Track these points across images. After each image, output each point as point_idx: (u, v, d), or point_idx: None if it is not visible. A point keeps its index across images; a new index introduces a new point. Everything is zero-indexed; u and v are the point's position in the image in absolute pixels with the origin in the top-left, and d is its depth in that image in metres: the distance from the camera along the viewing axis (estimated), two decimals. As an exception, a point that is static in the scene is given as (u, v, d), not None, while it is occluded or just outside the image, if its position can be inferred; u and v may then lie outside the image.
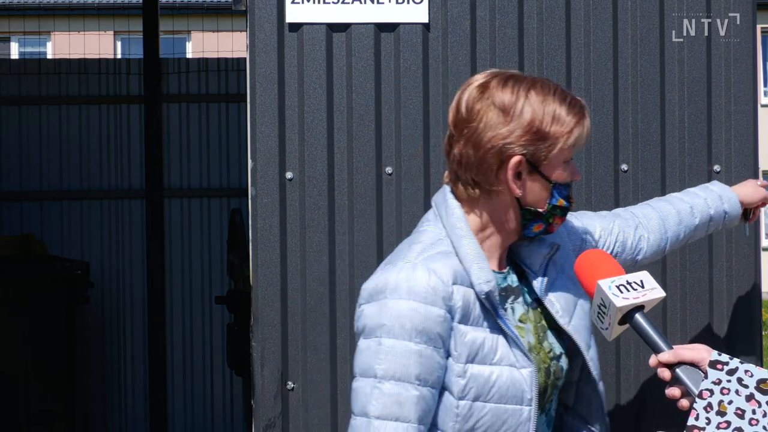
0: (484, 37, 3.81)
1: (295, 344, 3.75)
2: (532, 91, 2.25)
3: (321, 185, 3.76)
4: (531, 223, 2.28)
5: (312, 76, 3.76)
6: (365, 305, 2.24)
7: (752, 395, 2.02)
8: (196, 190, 8.62)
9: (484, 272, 2.20)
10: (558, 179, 2.25)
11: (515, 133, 2.21)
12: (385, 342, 2.14)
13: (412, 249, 2.26)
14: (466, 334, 2.18)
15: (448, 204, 2.30)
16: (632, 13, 3.83)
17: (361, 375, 2.20)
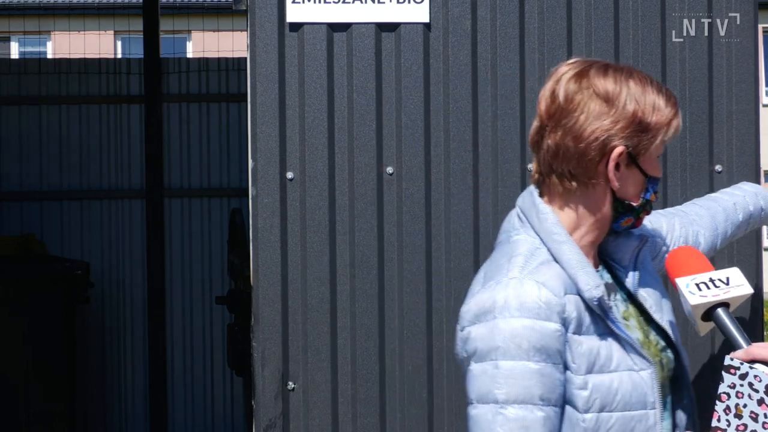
0: (485, 36, 3.81)
1: (295, 345, 3.75)
2: (631, 80, 2.18)
3: (322, 185, 3.76)
4: (622, 217, 2.23)
5: (313, 76, 3.76)
6: (472, 327, 2.15)
7: (762, 399, 2.04)
8: (196, 190, 8.62)
9: (591, 277, 2.14)
10: (653, 173, 2.22)
11: (619, 125, 2.15)
12: (502, 365, 2.05)
13: (514, 262, 2.16)
14: (581, 344, 2.11)
15: (539, 209, 2.22)
16: (633, 12, 3.84)
17: (480, 401, 2.08)
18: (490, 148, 3.81)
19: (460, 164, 3.80)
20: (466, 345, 2.17)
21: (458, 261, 3.81)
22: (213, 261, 8.52)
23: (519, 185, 3.80)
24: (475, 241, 3.81)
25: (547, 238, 2.18)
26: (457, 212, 3.80)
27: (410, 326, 3.78)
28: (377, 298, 3.77)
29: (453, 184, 3.80)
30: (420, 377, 3.79)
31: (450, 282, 3.80)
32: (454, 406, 3.79)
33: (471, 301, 2.19)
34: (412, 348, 3.78)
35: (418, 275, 3.78)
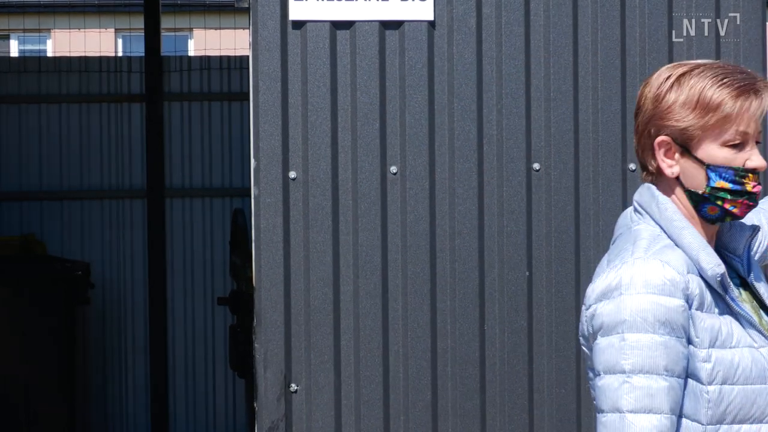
0: (490, 34, 3.80)
1: (298, 346, 3.75)
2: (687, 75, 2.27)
3: (325, 185, 3.75)
4: (702, 205, 2.30)
5: (316, 74, 3.75)
6: (598, 304, 2.23)
7: None
8: (198, 190, 8.61)
9: (712, 257, 2.23)
10: (712, 161, 2.26)
11: (658, 115, 2.26)
12: (628, 337, 2.15)
13: (638, 245, 2.26)
14: (704, 321, 2.20)
15: (659, 200, 2.32)
16: (640, 10, 3.83)
17: (607, 372, 2.18)
18: (495, 147, 3.80)
19: (465, 164, 3.80)
20: (592, 321, 2.25)
21: (463, 262, 3.80)
22: (215, 261, 8.51)
23: (524, 185, 3.80)
24: (479, 242, 3.80)
25: (668, 226, 2.29)
26: (461, 212, 3.80)
27: (414, 328, 3.78)
28: (381, 299, 3.76)
29: (458, 183, 3.79)
30: (424, 379, 3.78)
31: (455, 283, 3.79)
32: (458, 409, 3.78)
33: (597, 281, 2.27)
34: (416, 350, 3.78)
35: (423, 276, 3.78)
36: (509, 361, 3.81)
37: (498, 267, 3.81)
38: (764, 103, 2.24)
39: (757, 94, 2.23)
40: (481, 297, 3.80)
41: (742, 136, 2.23)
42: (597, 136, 3.82)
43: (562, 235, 3.82)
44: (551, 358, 3.82)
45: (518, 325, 3.81)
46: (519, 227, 3.81)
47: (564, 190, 3.82)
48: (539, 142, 3.81)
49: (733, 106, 2.21)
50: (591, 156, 3.82)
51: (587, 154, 3.82)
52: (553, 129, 3.81)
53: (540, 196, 3.81)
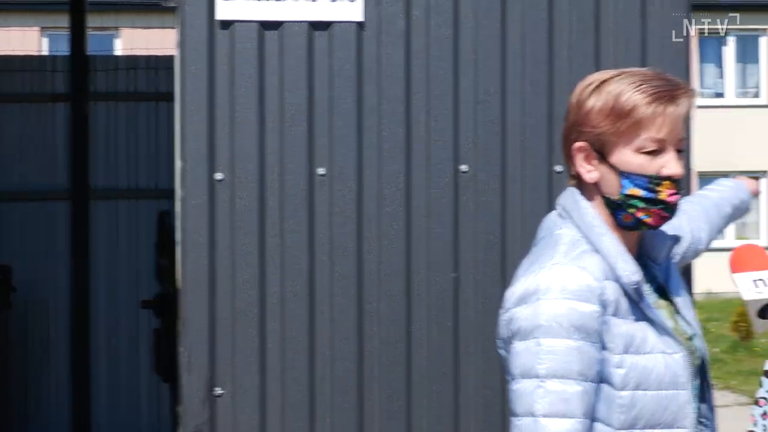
0: (419, 36, 3.82)
1: (223, 349, 3.72)
2: (607, 82, 2.29)
3: (251, 186, 3.73)
4: (617, 213, 2.32)
5: (243, 75, 3.73)
6: (516, 308, 2.25)
7: None
8: (123, 191, 8.50)
9: (629, 264, 2.26)
10: (625, 167, 2.28)
11: (577, 121, 2.30)
12: (544, 342, 2.18)
13: (557, 250, 2.28)
14: (619, 326, 2.23)
15: (580, 205, 2.34)
16: (568, 14, 3.87)
17: (522, 376, 2.21)
18: (423, 149, 3.82)
19: (393, 165, 3.80)
20: (510, 325, 2.27)
21: (390, 263, 3.81)
22: (140, 264, 8.41)
23: (452, 186, 3.82)
24: (407, 243, 3.81)
25: (588, 231, 2.31)
26: (389, 213, 3.80)
27: (341, 329, 3.77)
28: (307, 301, 3.75)
29: (385, 185, 3.80)
30: (350, 381, 3.78)
31: (381, 285, 3.80)
32: (384, 411, 3.79)
33: (516, 285, 2.30)
34: (342, 351, 3.77)
35: (350, 278, 3.78)
36: (435, 362, 3.83)
37: (425, 268, 3.82)
38: (680, 110, 2.26)
39: (674, 100, 2.25)
40: (407, 298, 3.82)
41: (658, 143, 2.25)
42: (524, 138, 3.86)
43: (488, 237, 3.85)
44: (477, 359, 3.85)
45: (445, 327, 3.83)
46: (446, 229, 3.83)
47: (491, 192, 3.85)
48: (467, 144, 3.84)
49: (645, 112, 2.24)
50: (518, 158, 3.86)
51: (514, 156, 3.86)
52: (481, 131, 3.84)
53: (467, 197, 3.84)
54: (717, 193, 3.13)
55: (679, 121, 2.27)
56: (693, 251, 2.90)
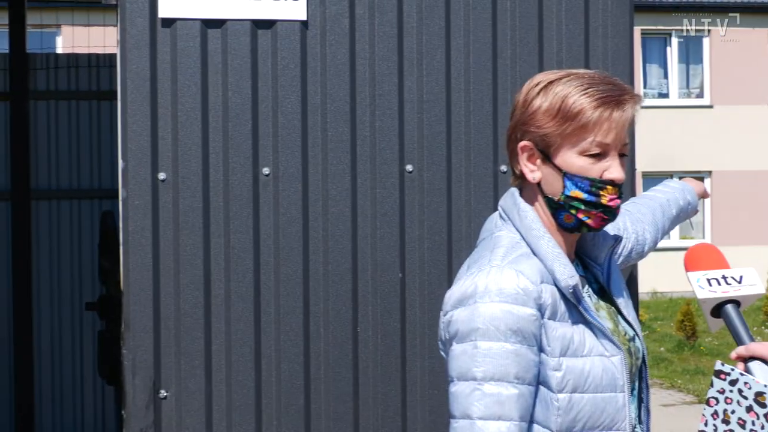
0: (363, 35, 3.82)
1: (168, 351, 3.69)
2: (555, 83, 2.32)
3: (195, 186, 3.71)
4: (559, 213, 2.35)
5: (186, 74, 3.71)
6: (454, 311, 2.28)
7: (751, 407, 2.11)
8: (65, 192, 8.42)
9: (566, 268, 2.29)
10: (569, 169, 2.30)
11: (523, 120, 2.33)
12: (481, 345, 2.20)
13: (495, 253, 2.31)
14: (556, 330, 2.26)
15: (520, 207, 2.37)
16: (511, 13, 3.90)
17: (459, 379, 2.24)
18: (368, 149, 3.82)
19: (338, 165, 3.80)
20: (449, 327, 2.31)
21: (336, 264, 3.81)
22: (83, 265, 8.34)
23: (397, 186, 3.83)
24: (353, 244, 3.81)
25: (527, 233, 2.34)
26: (334, 214, 3.80)
27: (287, 331, 3.76)
28: (253, 302, 3.74)
29: (331, 185, 3.80)
30: (297, 383, 3.77)
31: (328, 285, 3.80)
32: (331, 412, 3.79)
33: (454, 288, 2.33)
34: (288, 353, 3.77)
35: (295, 279, 3.77)
36: (382, 363, 3.83)
37: (371, 269, 3.83)
38: (626, 115, 2.29)
39: (620, 105, 2.28)
40: (354, 299, 3.82)
41: (602, 146, 2.28)
42: (469, 138, 3.88)
43: (434, 237, 3.86)
44: (424, 360, 3.86)
45: (391, 327, 3.84)
46: (392, 229, 3.83)
47: (436, 192, 3.86)
48: (412, 144, 3.85)
49: (592, 116, 2.26)
50: (463, 158, 3.87)
51: (459, 156, 3.87)
52: (426, 131, 3.85)
53: (413, 197, 3.85)
54: (663, 194, 3.17)
55: (624, 127, 2.30)
56: (638, 252, 2.93)
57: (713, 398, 2.17)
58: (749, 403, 2.12)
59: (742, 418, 2.13)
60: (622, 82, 2.35)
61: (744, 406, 2.13)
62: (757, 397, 2.11)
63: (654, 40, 24.07)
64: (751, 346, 2.24)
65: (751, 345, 2.24)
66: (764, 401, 2.10)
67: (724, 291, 2.35)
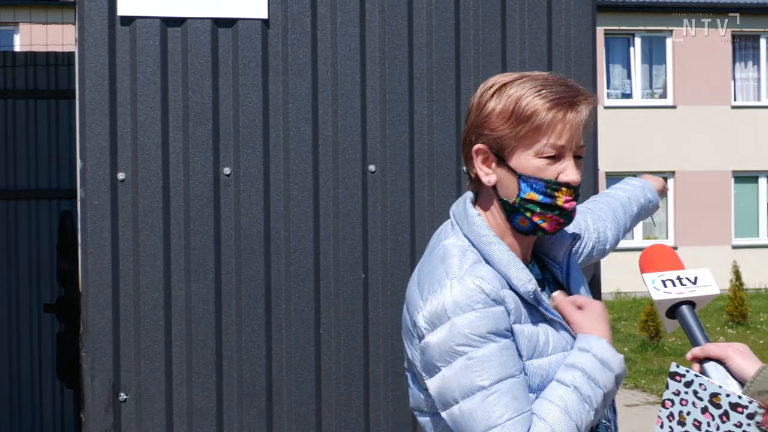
0: (325, 34, 3.82)
1: (127, 354, 3.67)
2: (508, 85, 2.32)
3: (155, 186, 3.69)
4: (513, 216, 2.34)
5: (146, 72, 3.69)
6: (430, 335, 2.25)
7: (706, 408, 2.12)
8: (23, 192, 8.34)
9: (522, 272, 2.29)
10: (524, 171, 2.30)
11: (477, 123, 2.32)
12: (473, 354, 2.20)
13: (450, 264, 2.30)
14: (524, 331, 2.28)
15: (468, 213, 2.37)
16: (474, 13, 3.91)
17: (465, 396, 2.21)
18: (330, 148, 3.82)
19: (300, 165, 3.80)
20: (425, 354, 2.27)
21: (298, 265, 3.80)
22: (41, 266, 8.27)
23: (360, 187, 3.83)
24: (315, 244, 3.81)
25: (477, 240, 2.33)
26: (296, 214, 3.80)
27: (248, 332, 3.75)
28: (214, 303, 3.72)
29: (293, 185, 3.79)
30: (258, 385, 3.76)
31: (290, 286, 3.79)
32: (293, 414, 3.78)
33: (419, 315, 2.30)
34: (250, 355, 3.75)
35: (257, 280, 3.76)
36: (345, 364, 3.83)
37: (333, 270, 3.82)
38: (580, 117, 2.30)
39: (574, 107, 2.28)
40: (316, 300, 3.81)
41: (557, 149, 2.29)
42: (432, 138, 3.89)
43: (397, 237, 3.86)
44: (387, 361, 3.86)
45: (354, 329, 3.84)
46: (355, 229, 3.83)
47: (399, 192, 3.87)
48: (374, 144, 3.85)
49: (545, 118, 2.26)
50: (426, 158, 3.88)
51: (422, 156, 3.88)
52: (389, 130, 3.86)
53: (375, 198, 3.85)
54: (624, 192, 3.19)
55: (578, 128, 2.30)
56: (599, 250, 2.95)
57: (669, 400, 2.19)
58: (704, 405, 2.14)
59: (697, 419, 2.14)
60: (576, 84, 2.35)
61: (699, 408, 2.15)
62: (712, 398, 2.13)
63: (617, 41, 24.23)
64: (706, 347, 2.26)
65: (706, 346, 2.26)
66: (719, 402, 2.12)
67: (679, 292, 2.37)
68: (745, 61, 24.68)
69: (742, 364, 2.21)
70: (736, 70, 24.58)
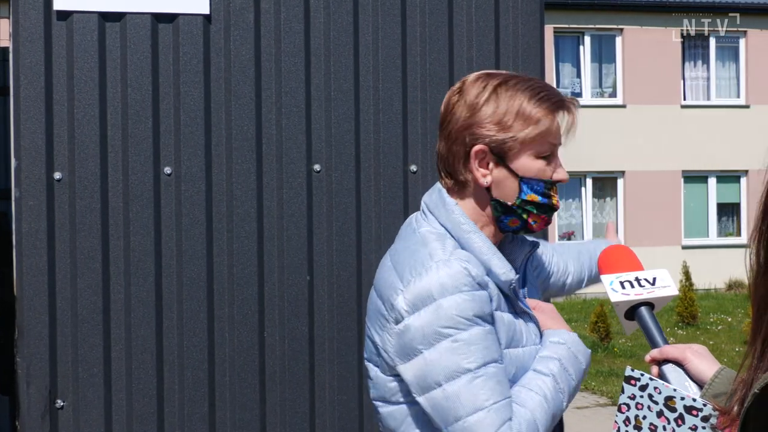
0: (269, 30, 3.80)
1: (65, 359, 3.63)
2: (503, 86, 2.36)
3: (93, 186, 3.66)
4: (504, 217, 2.38)
5: (83, 69, 3.65)
6: (412, 317, 2.26)
7: (662, 411, 2.14)
8: (-44, 192, 8.22)
9: (503, 262, 2.34)
10: (526, 173, 2.35)
11: (477, 124, 2.33)
12: (459, 336, 2.22)
13: (433, 248, 2.33)
14: (503, 319, 2.32)
15: (446, 202, 2.39)
16: (421, 10, 3.92)
17: (450, 378, 2.23)
18: (274, 147, 3.81)
19: (244, 164, 3.78)
20: (403, 337, 2.27)
21: (242, 266, 3.78)
22: (-25, 270, 8.15)
23: (305, 186, 3.82)
24: (259, 246, 3.79)
25: (456, 229, 2.37)
26: (240, 215, 3.78)
27: (190, 337, 3.73)
28: (154, 307, 3.70)
29: (236, 185, 3.77)
30: (201, 390, 3.74)
31: (233, 289, 3.77)
32: (237, 420, 3.76)
33: (398, 298, 2.30)
34: (192, 360, 3.73)
35: (199, 282, 3.74)
36: (290, 368, 3.82)
37: (278, 272, 3.81)
38: (574, 119, 2.38)
39: (569, 110, 2.38)
40: (260, 303, 3.80)
41: (553, 148, 2.38)
42: (378, 137, 3.89)
43: (343, 238, 3.86)
44: (333, 364, 3.85)
45: (299, 332, 3.83)
46: (299, 230, 3.82)
47: (345, 192, 3.86)
48: (320, 143, 3.84)
49: (550, 120, 2.34)
50: (372, 157, 3.88)
51: (368, 155, 3.88)
52: (334, 129, 3.85)
53: (321, 198, 3.84)
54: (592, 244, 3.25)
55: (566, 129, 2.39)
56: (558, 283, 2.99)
57: (624, 404, 2.21)
58: (660, 408, 2.16)
59: (653, 423, 2.17)
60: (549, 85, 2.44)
61: (655, 411, 2.17)
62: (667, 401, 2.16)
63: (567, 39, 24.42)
64: (664, 349, 2.28)
65: (664, 348, 2.29)
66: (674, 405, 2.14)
67: (637, 294, 2.40)
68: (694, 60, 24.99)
69: (700, 366, 2.23)
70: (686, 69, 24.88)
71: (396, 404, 2.35)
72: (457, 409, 2.22)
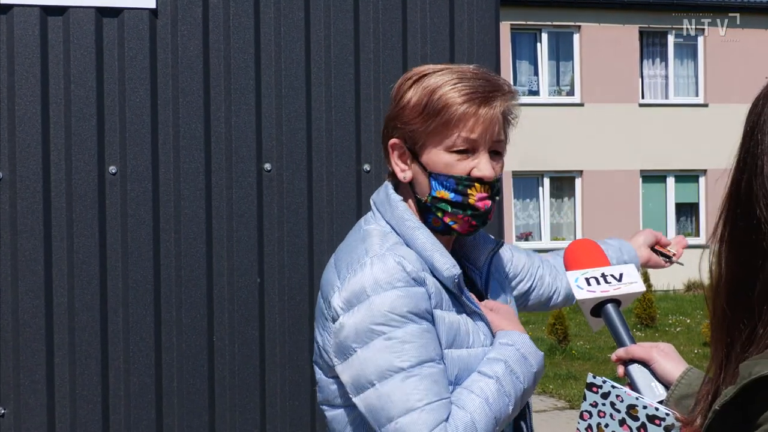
0: (217, 25, 3.78)
1: (5, 365, 3.59)
2: (426, 77, 2.31)
3: (35, 186, 3.61)
4: (427, 215, 2.35)
5: (24, 64, 3.61)
6: (346, 315, 2.22)
7: (624, 420, 2.14)
8: None
9: (446, 258, 2.29)
10: (434, 168, 2.29)
11: (393, 115, 2.32)
12: (393, 334, 2.18)
13: (370, 243, 2.29)
14: (444, 319, 2.26)
15: (391, 199, 2.36)
16: (374, 5, 3.91)
17: (382, 378, 2.18)
18: (223, 146, 3.79)
19: (191, 164, 3.76)
20: (339, 335, 2.24)
21: (190, 268, 3.76)
22: None
23: (255, 186, 3.80)
24: (207, 247, 3.77)
25: (400, 225, 2.33)
26: (188, 215, 3.75)
27: (136, 341, 3.70)
28: (99, 311, 3.66)
29: (183, 185, 3.75)
30: (147, 396, 3.71)
31: (180, 292, 3.74)
32: (185, 427, 3.74)
33: (335, 295, 2.27)
34: (138, 365, 3.70)
35: (145, 285, 3.71)
36: (240, 373, 3.80)
37: (227, 274, 3.79)
38: (494, 111, 2.30)
39: (488, 101, 2.28)
40: (209, 306, 3.77)
41: (469, 143, 2.29)
42: (330, 135, 3.88)
43: (294, 240, 3.85)
44: (284, 369, 3.84)
45: (249, 336, 3.81)
46: (249, 231, 3.81)
47: (297, 192, 3.85)
48: (270, 141, 3.82)
49: (456, 111, 2.27)
50: (324, 156, 3.87)
51: (320, 154, 3.87)
52: (285, 127, 3.84)
53: (272, 198, 3.83)
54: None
55: (492, 122, 2.30)
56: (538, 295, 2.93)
57: (586, 412, 2.21)
58: (622, 416, 2.16)
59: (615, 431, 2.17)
60: (500, 79, 2.36)
61: (617, 420, 2.17)
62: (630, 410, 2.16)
63: (524, 36, 24.55)
64: (630, 349, 2.27)
65: (630, 347, 2.28)
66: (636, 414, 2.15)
67: (603, 290, 2.37)
68: (653, 58, 25.21)
69: (666, 366, 2.23)
70: (644, 67, 25.10)
71: (339, 407, 2.32)
72: (390, 410, 2.18)
